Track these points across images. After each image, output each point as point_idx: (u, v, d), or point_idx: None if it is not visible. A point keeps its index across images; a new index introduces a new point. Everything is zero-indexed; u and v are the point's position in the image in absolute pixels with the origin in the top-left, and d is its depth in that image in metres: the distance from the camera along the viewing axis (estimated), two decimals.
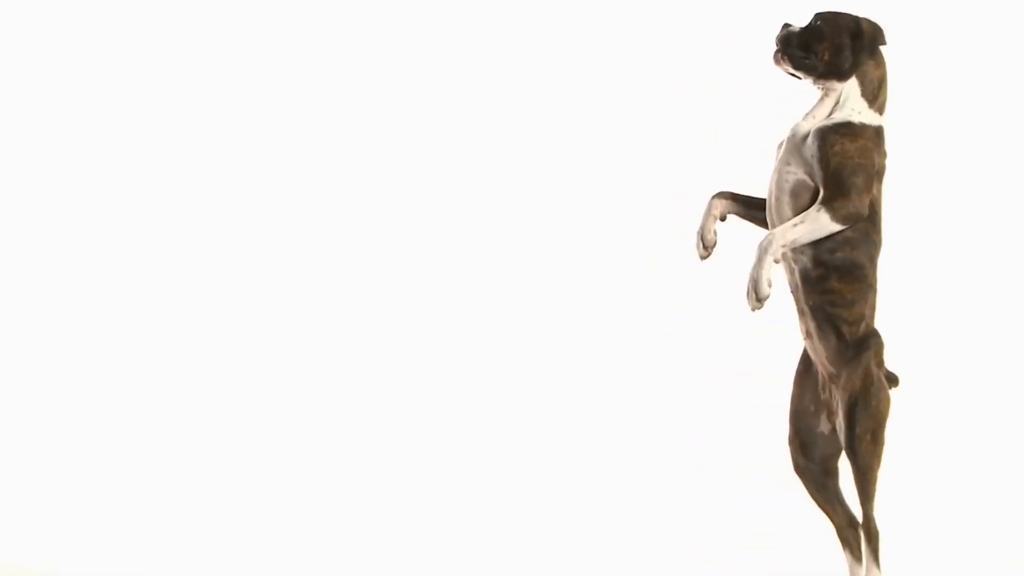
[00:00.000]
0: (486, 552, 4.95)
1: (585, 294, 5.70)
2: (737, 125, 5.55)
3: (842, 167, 3.98)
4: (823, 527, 4.07)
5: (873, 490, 4.00)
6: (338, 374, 5.68)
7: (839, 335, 4.01)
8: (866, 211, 4.01)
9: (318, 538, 5.09)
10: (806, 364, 4.08)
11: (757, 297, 3.93)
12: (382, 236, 5.79)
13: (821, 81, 4.05)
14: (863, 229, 4.02)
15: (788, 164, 4.02)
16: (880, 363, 4.02)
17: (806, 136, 4.01)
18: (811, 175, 3.98)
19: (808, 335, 4.02)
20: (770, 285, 3.94)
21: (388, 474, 5.47)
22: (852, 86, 4.06)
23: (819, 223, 3.98)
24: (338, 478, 5.43)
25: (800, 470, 4.08)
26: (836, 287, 4.00)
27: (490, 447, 5.52)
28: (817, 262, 3.99)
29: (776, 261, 3.97)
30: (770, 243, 3.95)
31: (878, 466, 4.01)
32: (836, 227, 3.98)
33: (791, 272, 4.02)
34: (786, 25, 4.10)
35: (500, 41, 5.82)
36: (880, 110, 4.08)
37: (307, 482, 5.42)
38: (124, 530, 5.11)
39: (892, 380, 4.05)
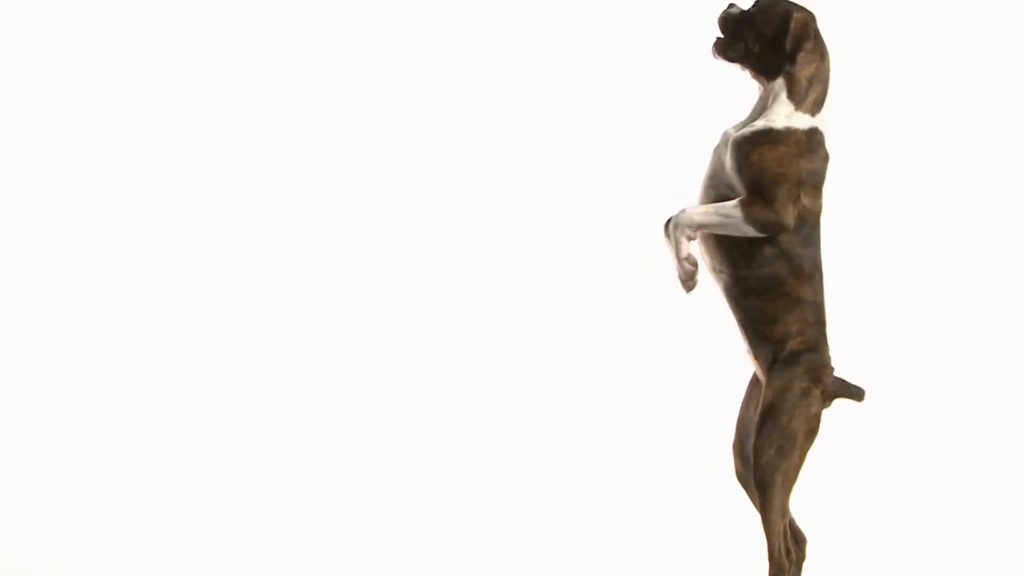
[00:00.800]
0: (486, 552, 4.95)
1: (585, 294, 5.70)
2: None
3: (761, 177, 3.73)
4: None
5: (776, 516, 3.79)
6: (338, 374, 5.68)
7: (767, 353, 3.83)
8: (789, 222, 3.75)
9: (318, 538, 5.09)
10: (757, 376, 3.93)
11: (683, 278, 3.77)
12: (381, 236, 5.79)
13: (754, 76, 3.82)
14: (785, 243, 3.77)
15: (712, 177, 3.82)
16: (817, 381, 3.80)
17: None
18: (733, 188, 3.77)
19: (747, 351, 3.86)
20: (693, 263, 3.75)
21: (388, 474, 5.47)
22: (780, 86, 3.80)
23: (730, 218, 3.74)
24: (338, 478, 5.43)
25: (740, 477, 3.95)
26: (756, 304, 3.81)
27: (491, 447, 5.52)
28: (736, 279, 3.80)
29: (690, 239, 3.75)
30: (676, 225, 3.76)
31: (784, 489, 3.78)
32: (748, 230, 3.75)
33: (718, 289, 3.85)
34: (730, 4, 3.86)
35: (500, 41, 5.82)
36: (811, 111, 3.78)
37: (307, 482, 5.42)
38: (124, 530, 5.11)
39: (854, 394, 3.86)
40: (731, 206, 3.74)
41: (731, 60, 3.83)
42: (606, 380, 5.65)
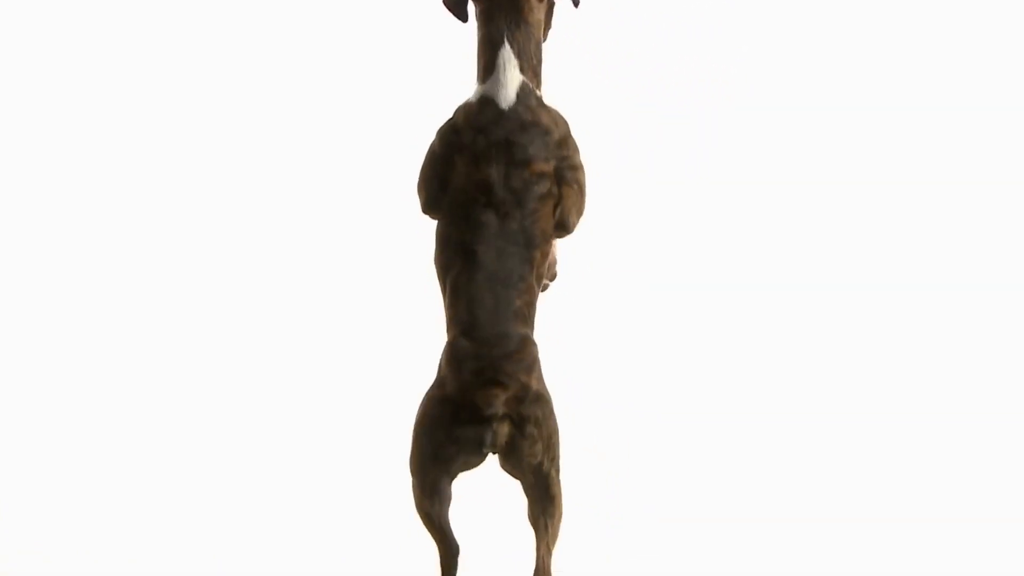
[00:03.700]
0: (486, 552, 4.95)
1: (581, 294, 5.70)
2: (732, 121, 5.55)
3: None
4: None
5: (420, 516, 3.73)
6: (337, 374, 5.68)
7: None
8: (420, 197, 3.74)
9: (318, 538, 5.09)
10: None
11: None
12: (378, 237, 5.80)
13: None
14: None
15: None
16: (439, 374, 3.67)
17: None
18: None
19: None
20: None
21: (388, 474, 5.47)
22: None
23: None
24: (337, 478, 5.44)
25: None
26: None
27: None
28: None
29: None
30: None
31: (415, 490, 3.71)
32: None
33: None
34: None
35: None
36: (481, 78, 3.69)
37: (307, 482, 5.43)
38: (124, 530, 5.12)
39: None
40: None
41: None
42: (603, 380, 5.64)
